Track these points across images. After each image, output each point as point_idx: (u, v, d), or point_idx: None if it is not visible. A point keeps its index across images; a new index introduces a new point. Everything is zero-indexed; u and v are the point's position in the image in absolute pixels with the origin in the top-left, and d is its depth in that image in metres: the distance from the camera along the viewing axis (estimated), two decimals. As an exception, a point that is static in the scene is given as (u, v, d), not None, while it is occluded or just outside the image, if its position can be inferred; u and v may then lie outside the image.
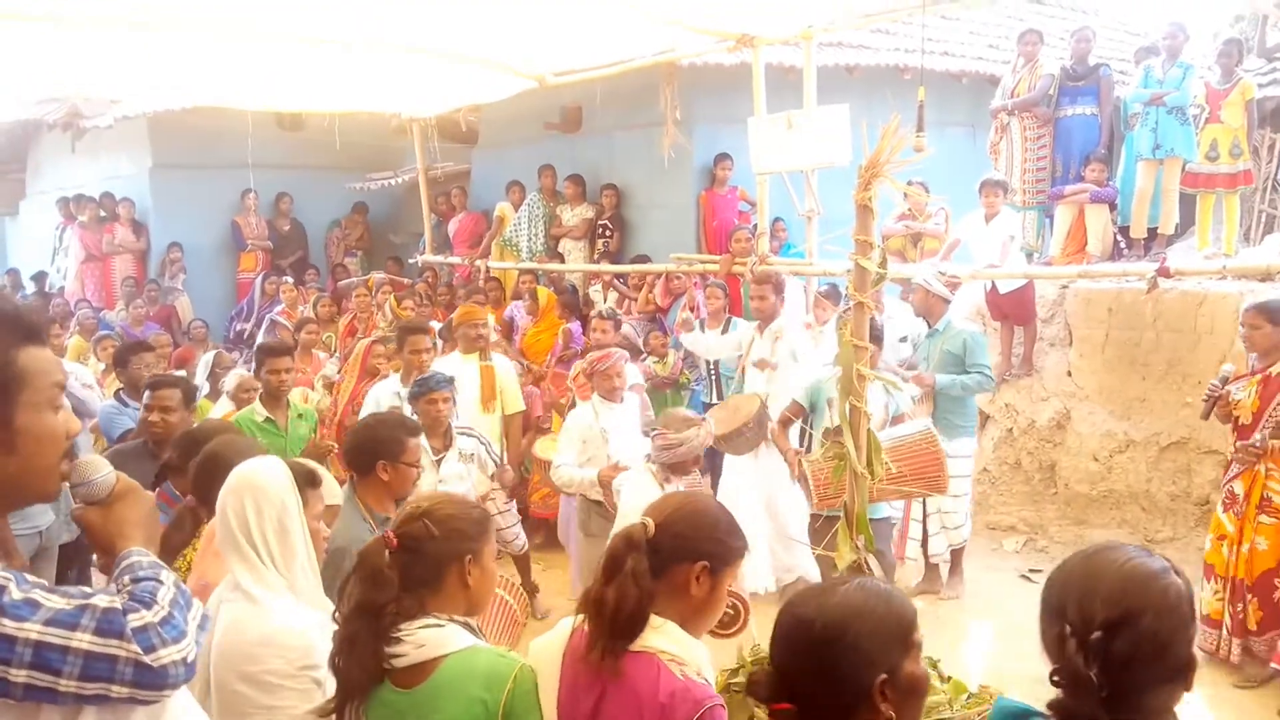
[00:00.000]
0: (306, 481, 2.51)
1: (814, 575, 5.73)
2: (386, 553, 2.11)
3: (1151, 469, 6.90)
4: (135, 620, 1.46)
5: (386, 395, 5.64)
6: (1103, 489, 7.07)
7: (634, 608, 1.94)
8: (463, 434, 5.17)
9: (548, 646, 2.14)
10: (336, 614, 2.15)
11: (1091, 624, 1.55)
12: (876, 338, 4.73)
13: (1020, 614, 5.76)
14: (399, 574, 2.10)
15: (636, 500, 3.86)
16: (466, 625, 2.16)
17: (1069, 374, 7.46)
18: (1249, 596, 4.83)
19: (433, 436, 4.89)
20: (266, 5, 5.73)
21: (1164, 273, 5.89)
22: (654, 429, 4.37)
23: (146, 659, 1.45)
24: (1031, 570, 6.42)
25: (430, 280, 10.80)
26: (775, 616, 1.76)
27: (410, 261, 11.99)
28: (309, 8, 5.80)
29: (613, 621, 1.95)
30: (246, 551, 2.38)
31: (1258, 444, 4.71)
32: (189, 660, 1.52)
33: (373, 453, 3.55)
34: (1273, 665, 4.74)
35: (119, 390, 5.63)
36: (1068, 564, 1.70)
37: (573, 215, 10.06)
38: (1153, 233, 7.64)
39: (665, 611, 2.01)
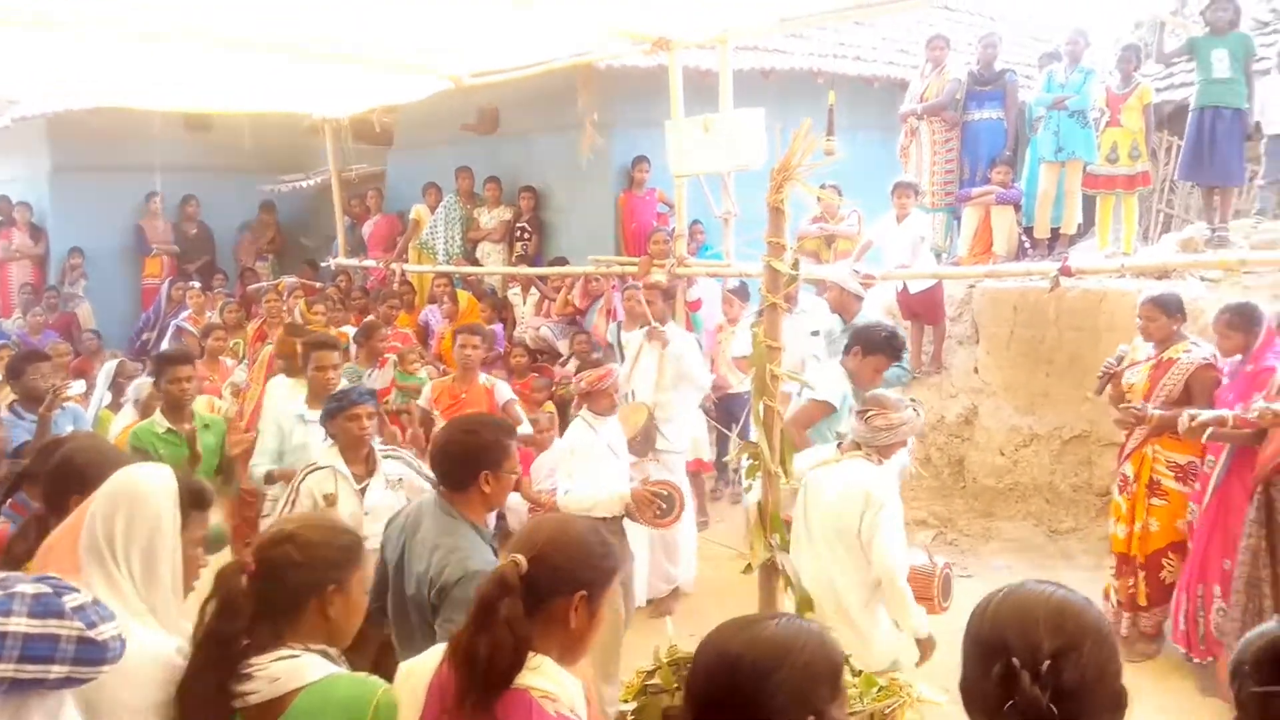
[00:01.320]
0: (193, 502, 2.25)
1: (689, 586, 5.80)
2: (244, 578, 1.97)
3: (1055, 462, 7.13)
4: (72, 600, 1.54)
5: (288, 418, 5.19)
6: (1009, 482, 7.28)
7: (509, 658, 1.83)
8: (388, 456, 4.43)
9: (416, 672, 2.03)
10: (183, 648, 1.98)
11: (1039, 654, 1.52)
12: None
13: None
14: (255, 601, 1.96)
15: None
16: (324, 653, 2.04)
17: (976, 371, 7.67)
18: (1140, 574, 5.14)
19: (354, 462, 4.27)
20: (172, 4, 5.55)
21: (1066, 272, 6.09)
22: (868, 410, 4.14)
23: (90, 634, 1.53)
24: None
25: (344, 285, 10.62)
26: (695, 650, 1.68)
27: (324, 265, 11.76)
28: (217, 7, 5.64)
29: (486, 675, 1.83)
30: (108, 565, 2.12)
31: (1137, 407, 4.99)
32: (123, 638, 1.60)
33: (476, 463, 3.03)
34: (1168, 641, 5.03)
35: (13, 402, 5.39)
36: (993, 602, 1.66)
37: (490, 218, 9.99)
38: (1056, 233, 7.89)
39: (541, 646, 1.90)
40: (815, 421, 5.01)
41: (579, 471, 4.94)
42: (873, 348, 4.94)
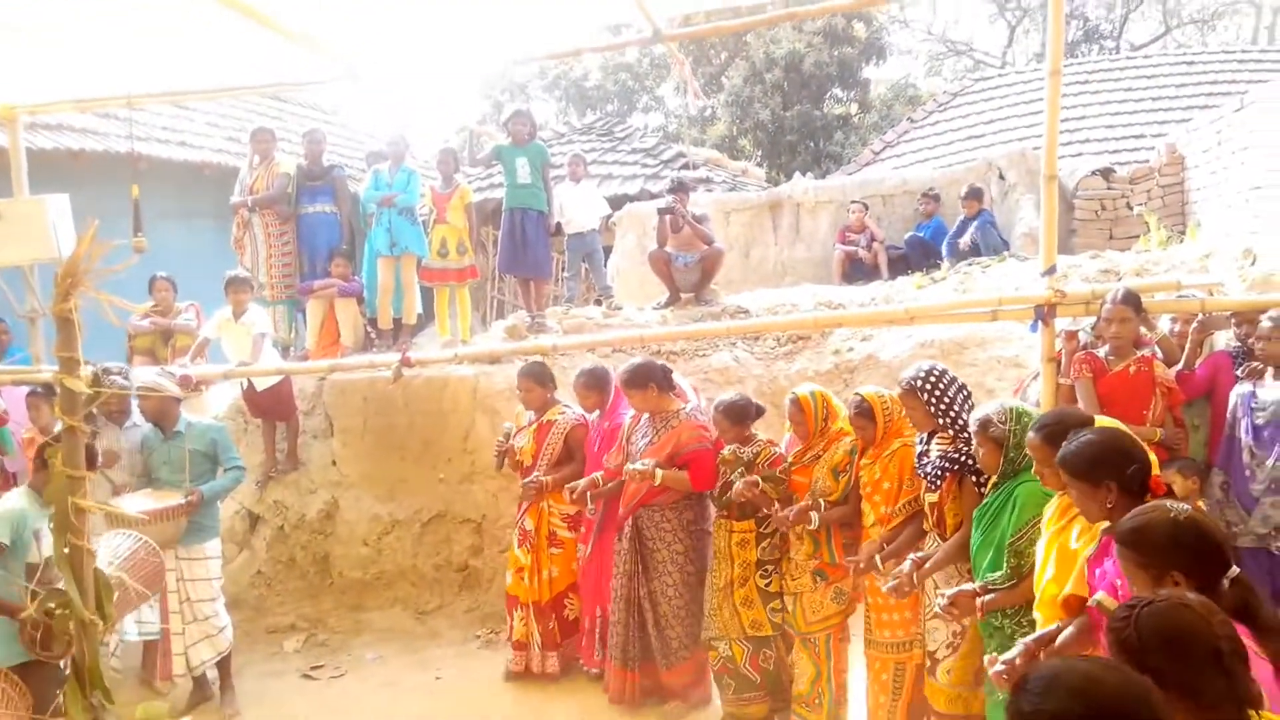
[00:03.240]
0: None
1: None
2: None
3: (416, 544, 7.30)
4: None
5: None
6: (374, 571, 7.28)
7: None
8: None
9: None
10: None
11: None
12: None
13: (307, 715, 5.67)
14: None
15: None
16: None
17: (334, 463, 7.58)
18: (551, 615, 5.81)
19: None
20: None
21: (406, 363, 6.30)
22: None
23: None
24: (314, 668, 6.33)
25: None
26: None
27: None
28: None
29: None
30: None
31: (532, 481, 5.71)
32: None
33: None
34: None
35: None
36: None
37: None
38: (399, 323, 8.19)
39: None
40: None
41: None
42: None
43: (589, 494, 5.51)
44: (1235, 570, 2.36)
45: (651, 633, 5.24)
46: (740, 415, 5.03)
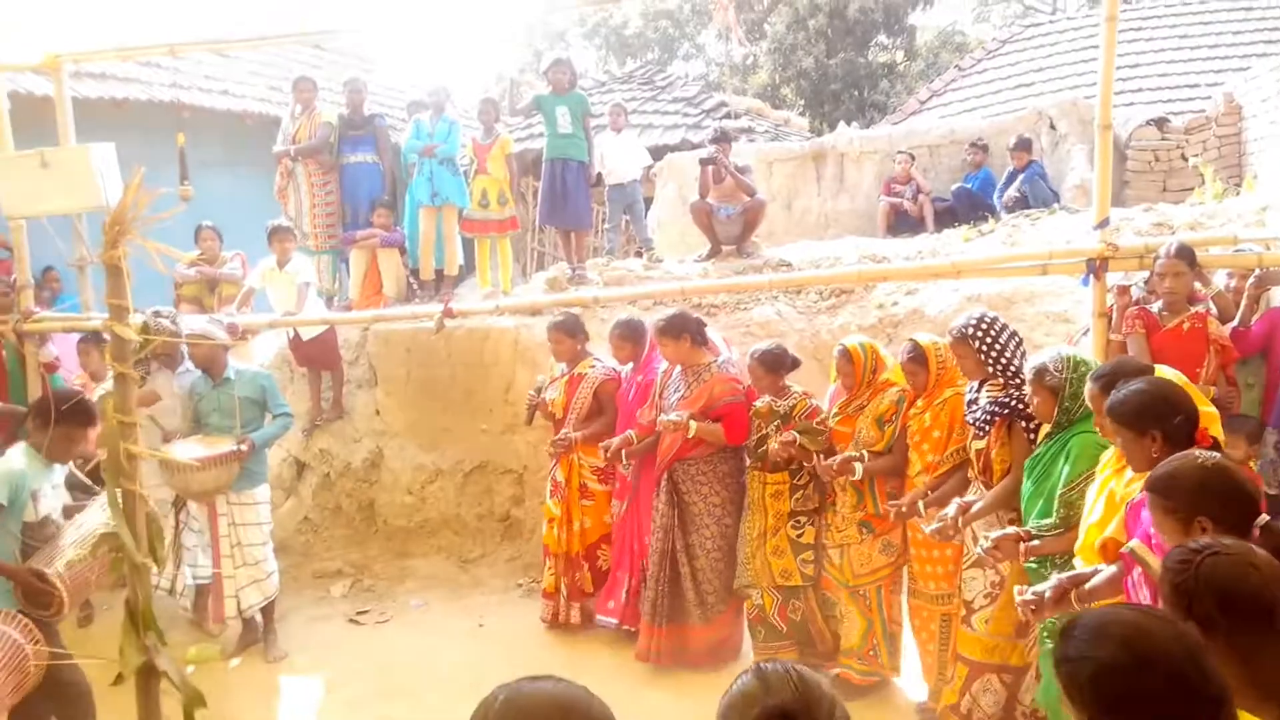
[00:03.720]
0: None
1: None
2: None
3: (459, 494, 7.39)
4: None
5: None
6: (418, 520, 7.39)
7: None
8: None
9: None
10: None
11: None
12: None
13: (353, 660, 5.79)
14: None
15: None
16: None
17: (378, 413, 7.66)
18: (583, 565, 5.80)
19: None
20: None
21: (449, 314, 6.32)
22: None
23: None
24: (359, 613, 6.45)
25: None
26: None
27: None
28: None
29: None
30: None
31: (561, 438, 5.67)
32: None
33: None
34: (601, 618, 5.70)
35: None
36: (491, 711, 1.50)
37: None
38: (440, 274, 8.21)
39: None
40: None
41: None
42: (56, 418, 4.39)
43: (623, 452, 5.50)
44: (1265, 518, 2.34)
45: (687, 587, 5.24)
46: (776, 364, 5.00)
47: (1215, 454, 2.56)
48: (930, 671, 4.67)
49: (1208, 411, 3.27)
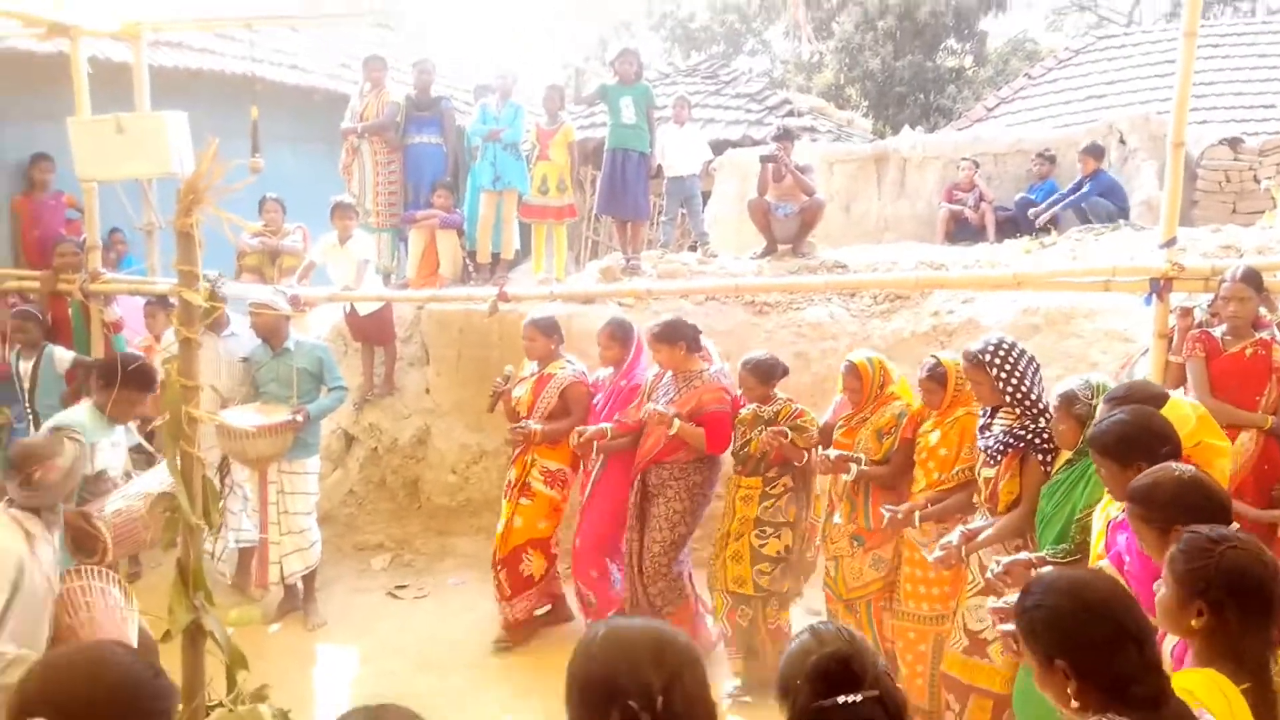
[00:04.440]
0: None
1: None
2: None
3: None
4: None
5: None
6: (461, 499, 7.47)
7: None
8: None
9: None
10: None
11: (652, 690, 1.61)
12: None
13: (390, 632, 5.89)
14: None
15: None
16: None
17: (428, 391, 7.76)
18: (502, 569, 5.63)
19: None
20: None
21: (503, 298, 6.39)
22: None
23: None
24: (399, 587, 6.55)
25: None
26: None
27: None
28: None
29: None
30: None
31: (520, 428, 5.54)
32: None
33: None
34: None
35: None
36: (593, 644, 1.71)
37: None
38: (497, 258, 8.28)
39: None
40: None
41: None
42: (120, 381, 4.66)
43: (595, 443, 5.41)
44: (1236, 526, 2.44)
45: (638, 585, 5.31)
46: (767, 374, 5.04)
47: (1190, 467, 2.75)
48: (922, 694, 4.54)
49: (1216, 445, 3.22)
